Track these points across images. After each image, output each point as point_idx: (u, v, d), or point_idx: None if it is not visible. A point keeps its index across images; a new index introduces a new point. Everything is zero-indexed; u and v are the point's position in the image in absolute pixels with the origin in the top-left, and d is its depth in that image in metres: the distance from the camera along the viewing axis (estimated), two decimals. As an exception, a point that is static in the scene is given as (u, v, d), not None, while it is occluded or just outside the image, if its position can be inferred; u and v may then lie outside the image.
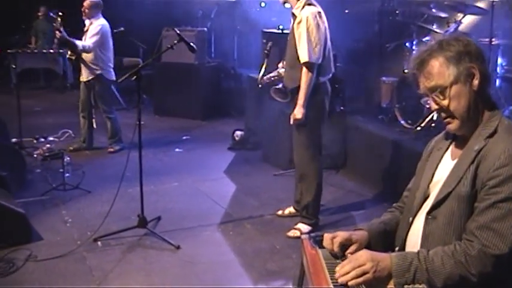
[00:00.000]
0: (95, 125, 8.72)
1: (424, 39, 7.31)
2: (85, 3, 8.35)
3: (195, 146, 9.16)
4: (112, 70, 8.63)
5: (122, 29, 11.02)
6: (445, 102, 2.41)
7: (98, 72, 8.39)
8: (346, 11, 9.41)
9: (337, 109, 7.79)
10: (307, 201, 5.75)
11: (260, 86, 6.10)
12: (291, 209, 6.14)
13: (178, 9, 12.21)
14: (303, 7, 5.45)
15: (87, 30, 8.41)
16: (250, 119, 9.15)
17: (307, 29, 5.35)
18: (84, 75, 8.47)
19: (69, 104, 8.91)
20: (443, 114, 2.46)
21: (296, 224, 5.79)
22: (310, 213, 5.75)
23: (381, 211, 5.81)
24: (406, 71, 7.16)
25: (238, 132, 8.87)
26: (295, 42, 5.47)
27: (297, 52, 5.45)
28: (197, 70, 10.78)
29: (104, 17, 8.51)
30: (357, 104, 8.22)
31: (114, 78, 8.68)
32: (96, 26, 8.32)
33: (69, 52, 8.52)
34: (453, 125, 2.46)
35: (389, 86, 7.43)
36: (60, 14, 8.32)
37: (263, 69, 5.96)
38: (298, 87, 5.46)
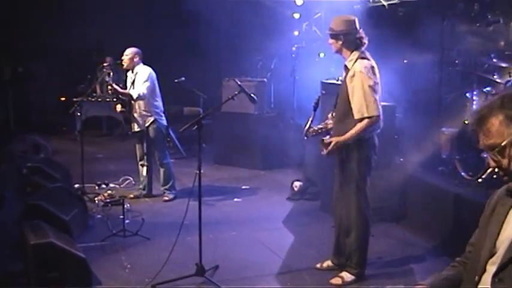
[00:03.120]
0: (144, 173, 8.85)
1: (484, 89, 7.22)
2: (128, 53, 8.49)
3: (253, 196, 9.19)
4: (164, 116, 8.74)
5: (183, 78, 11.24)
6: (503, 161, 2.36)
7: (152, 119, 8.52)
8: (405, 61, 9.40)
9: (396, 160, 7.73)
10: (353, 251, 5.69)
11: (306, 138, 5.91)
12: (329, 262, 6.03)
13: (238, 60, 12.40)
14: (356, 60, 5.43)
15: (133, 81, 8.53)
16: (309, 169, 9.13)
17: (362, 83, 5.31)
18: (137, 126, 8.60)
19: (130, 152, 9.10)
20: (501, 173, 2.41)
21: (341, 272, 5.74)
22: (355, 262, 5.68)
23: (440, 264, 5.72)
24: (466, 121, 7.08)
25: (297, 183, 8.85)
26: (347, 96, 5.43)
27: (348, 106, 5.42)
28: (256, 120, 10.86)
29: (149, 65, 8.65)
30: (416, 155, 8.12)
31: (166, 124, 8.82)
32: (144, 73, 8.44)
33: (119, 106, 8.66)
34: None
35: (450, 136, 7.33)
36: (109, 71, 8.57)
37: (309, 122, 5.77)
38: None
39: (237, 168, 10.90)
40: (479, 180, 6.48)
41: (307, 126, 5.75)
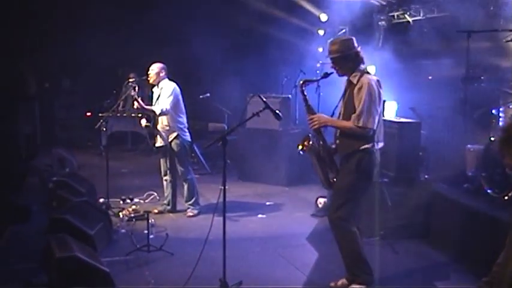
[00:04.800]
0: (168, 188, 8.91)
1: (511, 106, 7.17)
2: (154, 68, 8.55)
3: (278, 212, 9.17)
4: (187, 132, 8.76)
5: (208, 94, 11.32)
6: None
7: (175, 134, 8.55)
8: (430, 78, 9.36)
9: (421, 177, 7.69)
10: (348, 263, 5.70)
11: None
12: (343, 280, 5.90)
13: (262, 76, 12.42)
14: (362, 75, 5.51)
15: (158, 96, 8.58)
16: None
17: (369, 94, 5.38)
18: (161, 141, 8.65)
19: (155, 167, 9.17)
20: None
21: (350, 285, 5.71)
22: (355, 272, 5.65)
23: (465, 282, 5.67)
24: (492, 138, 7.02)
25: (321, 199, 8.80)
26: (354, 109, 5.47)
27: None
28: (281, 136, 10.87)
29: (174, 81, 8.69)
30: (441, 172, 8.07)
31: (190, 140, 8.85)
32: (168, 88, 8.50)
33: (144, 120, 8.70)
34: None
35: (475, 153, 7.28)
36: (135, 86, 8.66)
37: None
38: (349, 154, 5.55)
39: (261, 184, 10.91)
40: (506, 198, 6.42)
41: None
